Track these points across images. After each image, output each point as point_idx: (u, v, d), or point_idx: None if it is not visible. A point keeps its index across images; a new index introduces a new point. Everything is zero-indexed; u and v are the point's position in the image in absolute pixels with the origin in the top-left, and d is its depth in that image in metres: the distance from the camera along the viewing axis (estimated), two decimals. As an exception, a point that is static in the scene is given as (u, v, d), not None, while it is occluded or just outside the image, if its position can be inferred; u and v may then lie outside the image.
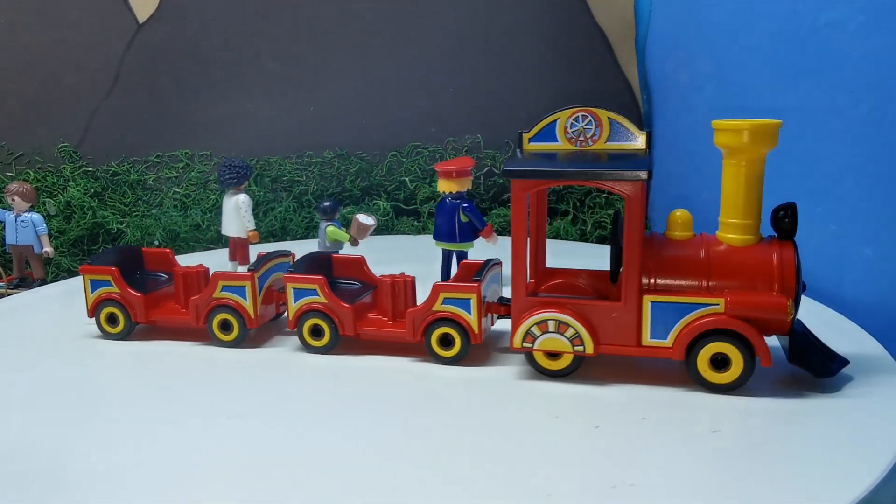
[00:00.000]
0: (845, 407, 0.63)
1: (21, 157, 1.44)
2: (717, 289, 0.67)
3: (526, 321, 0.68)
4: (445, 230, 0.97)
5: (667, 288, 0.67)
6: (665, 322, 0.66)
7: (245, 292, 0.79)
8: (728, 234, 0.69)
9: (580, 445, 0.58)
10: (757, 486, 0.51)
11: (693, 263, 0.68)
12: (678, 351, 0.66)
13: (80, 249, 1.38)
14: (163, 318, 0.84)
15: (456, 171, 0.96)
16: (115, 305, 0.82)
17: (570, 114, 0.70)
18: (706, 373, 0.65)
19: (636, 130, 0.69)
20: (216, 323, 0.80)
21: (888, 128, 0.86)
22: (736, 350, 0.64)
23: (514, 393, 0.68)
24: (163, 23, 1.46)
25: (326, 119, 1.49)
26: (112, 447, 0.59)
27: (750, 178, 0.67)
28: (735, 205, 0.68)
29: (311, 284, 0.77)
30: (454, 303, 0.73)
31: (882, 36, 0.86)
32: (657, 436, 0.59)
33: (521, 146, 0.72)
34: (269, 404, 0.66)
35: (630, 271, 0.66)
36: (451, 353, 0.74)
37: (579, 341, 0.67)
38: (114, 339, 0.83)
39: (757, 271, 0.66)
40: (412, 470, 0.55)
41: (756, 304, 0.65)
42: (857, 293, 0.91)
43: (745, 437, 0.59)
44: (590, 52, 1.48)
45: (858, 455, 0.54)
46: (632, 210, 0.65)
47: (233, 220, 1.06)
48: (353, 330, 0.77)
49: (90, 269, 0.83)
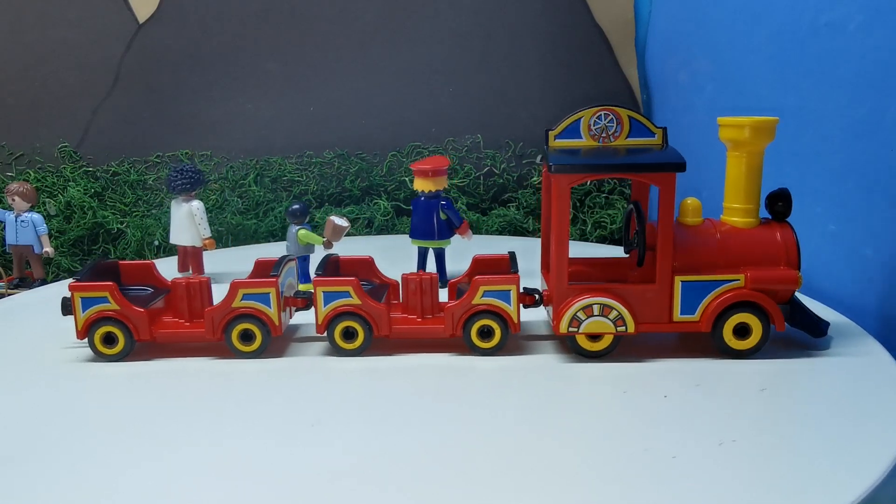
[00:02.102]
0: (845, 407, 0.63)
1: (21, 157, 1.44)
2: (733, 266, 0.74)
3: (572, 307, 0.73)
4: (423, 228, 1.00)
5: (692, 268, 0.74)
6: (693, 299, 0.74)
7: (269, 300, 0.77)
8: (733, 217, 0.77)
9: (666, 412, 0.63)
10: (758, 487, 0.51)
11: (711, 245, 0.75)
12: (706, 323, 0.74)
13: (80, 249, 1.39)
14: (167, 333, 0.78)
15: (432, 171, 0.98)
16: (114, 324, 0.76)
17: (594, 112, 0.75)
18: (731, 341, 0.74)
19: (653, 127, 0.76)
20: (236, 334, 0.77)
21: (888, 128, 0.86)
22: (756, 319, 0.73)
23: (568, 376, 0.71)
24: (163, 23, 1.46)
25: (326, 119, 1.49)
26: (225, 471, 0.55)
27: (751, 168, 0.76)
28: (739, 191, 0.77)
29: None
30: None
31: (882, 36, 0.86)
32: (719, 398, 0.65)
33: (547, 143, 0.77)
34: (335, 408, 0.65)
35: (663, 255, 0.73)
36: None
37: (622, 322, 0.73)
38: (110, 361, 0.77)
39: (765, 249, 0.75)
40: (542, 452, 0.57)
41: (772, 277, 0.74)
42: (856, 293, 0.91)
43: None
44: (590, 53, 1.48)
45: (858, 455, 0.54)
46: (665, 199, 0.72)
47: (186, 229, 1.02)
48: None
49: (82, 287, 0.76)
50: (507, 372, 0.73)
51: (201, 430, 0.61)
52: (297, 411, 0.64)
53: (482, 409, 0.64)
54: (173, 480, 0.53)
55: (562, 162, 0.72)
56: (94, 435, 0.61)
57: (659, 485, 0.51)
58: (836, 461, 0.54)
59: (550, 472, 0.53)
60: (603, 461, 0.55)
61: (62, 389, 0.71)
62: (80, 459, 0.57)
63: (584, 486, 0.52)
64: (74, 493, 0.52)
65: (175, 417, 0.64)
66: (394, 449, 0.57)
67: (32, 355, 0.80)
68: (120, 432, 0.61)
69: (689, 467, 0.53)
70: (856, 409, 0.62)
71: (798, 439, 0.57)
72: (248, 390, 0.70)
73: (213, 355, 0.78)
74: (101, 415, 0.65)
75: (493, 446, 0.57)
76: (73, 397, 0.69)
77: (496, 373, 0.72)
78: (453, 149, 1.48)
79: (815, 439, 0.57)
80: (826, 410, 0.62)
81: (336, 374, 0.73)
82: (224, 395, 0.69)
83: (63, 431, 0.62)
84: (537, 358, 0.76)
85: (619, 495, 0.50)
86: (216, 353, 0.78)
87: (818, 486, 0.51)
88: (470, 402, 0.66)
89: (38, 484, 0.53)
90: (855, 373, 0.70)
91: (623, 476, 0.53)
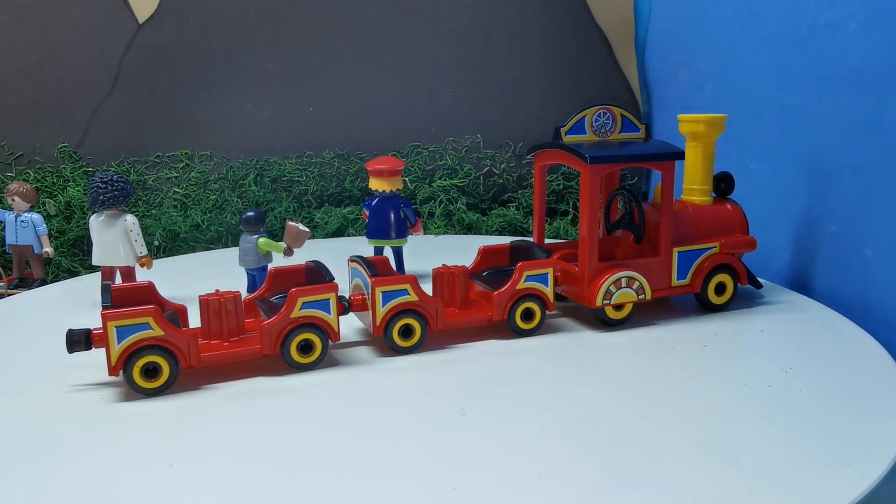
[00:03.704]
0: (845, 407, 0.63)
1: (21, 158, 1.44)
2: (706, 236, 0.89)
3: (605, 282, 0.82)
4: (383, 228, 1.03)
5: (678, 241, 0.87)
6: (685, 266, 0.87)
7: (329, 306, 0.73)
8: (692, 196, 0.93)
9: (709, 361, 0.74)
10: (758, 487, 0.51)
11: (688, 220, 0.90)
12: (696, 285, 0.87)
13: (79, 250, 1.38)
14: (213, 356, 0.71)
15: (388, 171, 1.01)
16: (158, 352, 0.67)
17: (595, 111, 0.86)
18: (713, 297, 0.88)
19: (638, 123, 0.88)
20: (295, 345, 0.72)
21: (887, 128, 0.86)
22: (729, 278, 0.89)
23: (605, 346, 0.79)
24: (163, 23, 1.46)
25: (326, 119, 1.49)
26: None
27: (706, 156, 0.92)
28: (696, 175, 0.93)
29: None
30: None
31: (881, 36, 0.86)
32: (729, 353, 0.77)
33: (559, 138, 0.85)
34: (457, 402, 0.65)
35: (665, 231, 0.85)
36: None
37: (642, 291, 0.84)
38: (152, 396, 0.68)
39: (725, 221, 0.91)
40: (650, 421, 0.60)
41: (740, 242, 0.90)
42: (856, 294, 0.91)
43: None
44: (590, 52, 1.48)
45: (859, 455, 0.54)
46: (667, 182, 0.85)
47: (121, 247, 0.90)
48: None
49: (119, 315, 0.66)
50: (596, 348, 0.79)
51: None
52: (411, 411, 0.64)
53: (585, 386, 0.66)
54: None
55: (595, 154, 0.81)
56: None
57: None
58: (836, 461, 0.54)
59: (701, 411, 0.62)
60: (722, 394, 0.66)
61: (62, 389, 0.71)
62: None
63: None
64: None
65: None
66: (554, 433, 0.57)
67: (32, 356, 0.80)
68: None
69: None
70: (856, 409, 0.62)
71: (798, 439, 0.57)
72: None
73: (246, 375, 0.73)
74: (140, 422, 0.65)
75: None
76: (75, 397, 0.69)
77: (569, 352, 0.75)
78: (453, 149, 1.49)
79: (815, 439, 0.57)
80: (826, 410, 0.62)
81: (390, 373, 0.73)
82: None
83: (70, 434, 0.62)
84: (558, 338, 0.79)
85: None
86: (246, 372, 0.73)
87: (818, 485, 0.51)
88: (559, 382, 0.66)
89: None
90: (856, 372, 0.70)
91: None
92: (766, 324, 0.84)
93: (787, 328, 0.83)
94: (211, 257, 1.27)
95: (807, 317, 0.86)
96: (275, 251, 0.92)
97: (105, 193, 0.88)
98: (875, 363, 0.72)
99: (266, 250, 0.92)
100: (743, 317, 0.87)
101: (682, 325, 0.85)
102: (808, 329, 0.82)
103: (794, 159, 1.03)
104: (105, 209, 0.90)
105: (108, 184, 0.88)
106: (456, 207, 1.43)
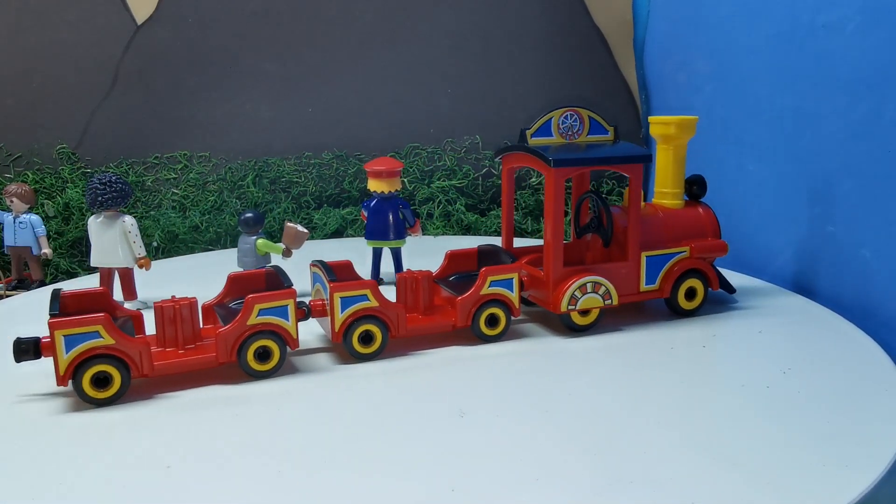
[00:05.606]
0: (844, 407, 0.63)
1: (19, 159, 1.44)
2: (676, 240, 0.87)
3: (570, 287, 0.80)
4: (381, 229, 1.02)
5: (647, 245, 0.85)
6: (654, 270, 0.86)
7: (287, 313, 0.72)
8: (663, 200, 0.91)
9: (708, 362, 0.75)
10: (757, 488, 0.51)
11: (657, 224, 0.88)
12: (666, 290, 0.86)
13: (78, 251, 1.38)
14: (166, 364, 0.69)
15: (386, 172, 1.01)
16: (108, 361, 0.65)
17: (561, 113, 0.84)
18: (683, 303, 0.87)
19: (607, 125, 0.85)
20: (252, 353, 0.71)
21: (886, 128, 0.86)
22: (700, 282, 0.87)
23: (586, 354, 0.77)
24: (161, 24, 1.46)
25: (325, 120, 1.49)
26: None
27: (677, 158, 0.90)
28: (667, 178, 0.91)
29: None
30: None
31: (879, 37, 0.86)
32: (728, 354, 0.78)
33: (524, 141, 0.83)
34: (453, 401, 0.65)
35: (633, 235, 0.83)
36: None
37: (608, 296, 0.82)
38: (102, 406, 0.66)
39: (696, 225, 0.89)
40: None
41: (710, 246, 0.88)
42: (854, 294, 0.91)
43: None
44: (588, 53, 1.48)
45: (857, 455, 0.54)
46: (635, 186, 0.83)
47: (119, 248, 0.90)
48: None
49: (66, 323, 0.64)
50: (585, 353, 0.78)
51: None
52: (412, 412, 0.64)
53: (583, 388, 0.66)
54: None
55: (559, 157, 0.79)
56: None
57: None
58: (834, 461, 0.54)
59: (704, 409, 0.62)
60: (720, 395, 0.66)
61: (62, 390, 0.70)
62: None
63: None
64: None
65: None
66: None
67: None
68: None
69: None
70: (854, 409, 0.62)
71: (796, 439, 0.57)
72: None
73: (206, 383, 0.71)
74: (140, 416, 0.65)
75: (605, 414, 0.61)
76: (74, 398, 0.69)
77: (569, 354, 0.74)
78: (452, 150, 1.49)
79: (813, 439, 0.57)
80: (826, 410, 0.62)
81: (393, 377, 0.73)
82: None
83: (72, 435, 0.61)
84: (529, 343, 0.77)
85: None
86: (205, 380, 0.71)
87: (817, 486, 0.51)
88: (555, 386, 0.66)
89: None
90: (854, 373, 0.70)
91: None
92: (764, 325, 0.84)
93: (785, 329, 0.83)
94: (210, 258, 1.27)
95: (805, 318, 0.87)
96: (273, 252, 0.92)
97: (104, 194, 0.88)
98: (873, 363, 0.72)
99: (265, 251, 0.92)
100: (741, 318, 0.87)
101: (676, 328, 0.83)
102: (807, 330, 0.82)
103: (792, 160, 1.03)
104: (103, 210, 0.90)
105: (107, 185, 0.88)
106: (455, 208, 1.43)
